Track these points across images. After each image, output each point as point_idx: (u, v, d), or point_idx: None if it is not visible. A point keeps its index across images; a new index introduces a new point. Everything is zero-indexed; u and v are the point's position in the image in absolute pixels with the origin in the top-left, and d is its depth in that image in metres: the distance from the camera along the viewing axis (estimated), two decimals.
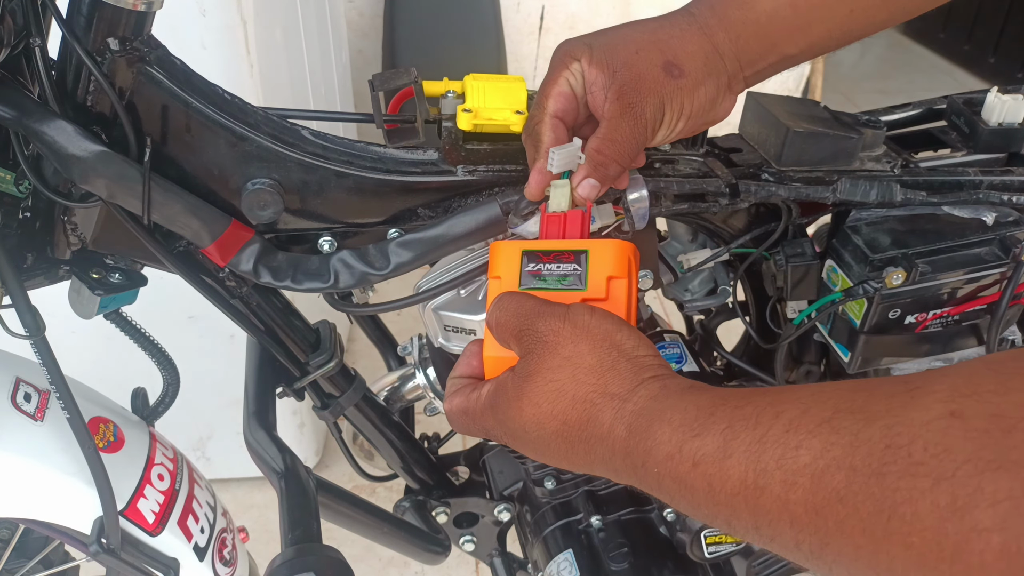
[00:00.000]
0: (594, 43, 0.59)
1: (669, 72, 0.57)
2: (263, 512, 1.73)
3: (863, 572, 0.33)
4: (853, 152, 0.75)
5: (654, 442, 0.43)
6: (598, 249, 0.56)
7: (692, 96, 0.59)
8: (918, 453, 0.31)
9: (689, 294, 0.92)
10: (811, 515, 0.35)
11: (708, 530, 0.88)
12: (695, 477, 0.40)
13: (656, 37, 0.59)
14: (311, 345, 0.81)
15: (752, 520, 0.38)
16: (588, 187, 0.58)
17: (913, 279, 0.74)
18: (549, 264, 0.56)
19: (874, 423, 0.34)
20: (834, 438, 0.35)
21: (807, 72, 3.02)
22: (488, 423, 0.53)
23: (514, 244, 0.58)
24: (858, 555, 0.33)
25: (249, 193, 0.65)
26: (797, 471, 0.35)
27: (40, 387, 0.75)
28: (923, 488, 0.30)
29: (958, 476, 0.29)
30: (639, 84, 0.57)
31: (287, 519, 0.75)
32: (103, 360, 1.30)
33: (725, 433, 0.39)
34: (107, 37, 0.56)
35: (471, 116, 0.67)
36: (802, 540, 0.36)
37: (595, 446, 0.47)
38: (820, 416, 0.36)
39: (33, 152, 0.62)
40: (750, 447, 0.38)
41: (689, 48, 0.58)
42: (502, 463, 1.01)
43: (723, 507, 0.39)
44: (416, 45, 2.57)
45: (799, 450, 0.36)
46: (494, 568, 1.06)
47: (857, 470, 0.33)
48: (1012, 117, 0.81)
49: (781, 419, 0.37)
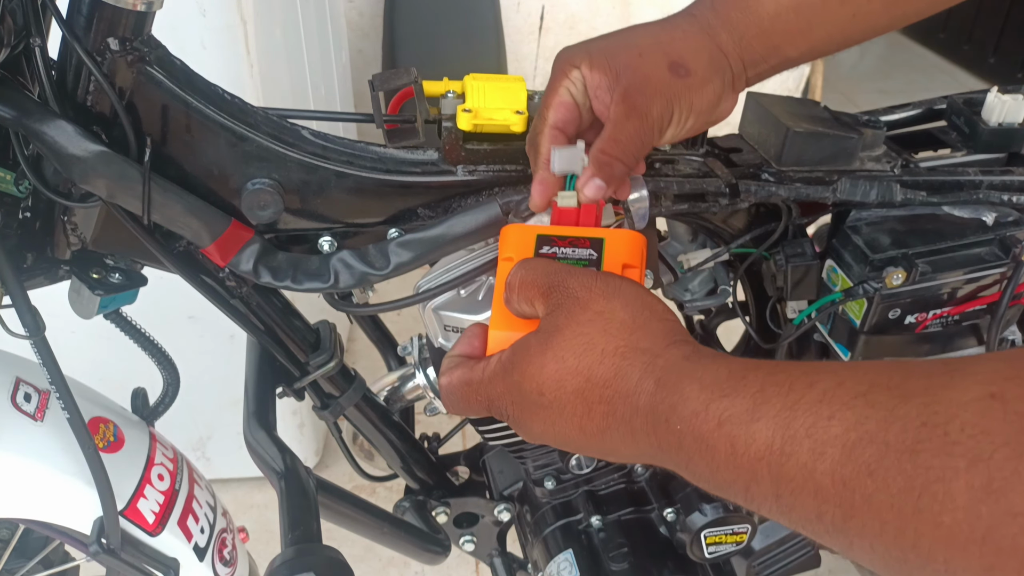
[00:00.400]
0: (593, 48, 0.59)
1: (675, 72, 0.57)
2: (263, 512, 1.73)
3: (886, 548, 0.33)
4: (853, 152, 0.75)
5: (681, 397, 0.41)
6: (614, 238, 0.55)
7: (700, 94, 0.58)
8: (955, 433, 0.31)
9: (689, 294, 0.92)
10: (838, 487, 0.34)
11: (708, 530, 0.88)
12: (718, 437, 0.39)
13: (659, 39, 0.58)
14: (311, 345, 0.81)
15: (773, 487, 0.37)
16: (594, 188, 0.57)
17: (913, 279, 0.74)
18: (564, 248, 0.55)
19: (911, 400, 0.33)
20: (869, 412, 0.34)
21: (807, 72, 3.02)
22: (496, 390, 0.50)
23: (528, 227, 0.57)
24: (883, 530, 0.33)
25: (249, 193, 0.65)
26: (827, 441, 0.35)
27: (40, 387, 0.75)
28: (958, 468, 0.30)
29: (995, 458, 0.29)
30: (645, 86, 0.57)
31: (287, 519, 0.75)
32: (103, 360, 1.30)
33: (756, 396, 0.39)
34: (107, 37, 0.56)
35: (471, 116, 0.67)
36: (825, 512, 0.35)
37: (617, 405, 0.45)
38: (856, 390, 0.35)
39: (33, 152, 0.62)
40: (780, 412, 0.37)
41: (693, 47, 0.58)
42: (502, 463, 1.01)
43: (744, 471, 0.38)
44: (416, 45, 2.57)
45: (831, 420, 0.35)
46: (494, 568, 1.06)
47: (890, 445, 0.32)
48: (1012, 117, 0.81)
49: (815, 389, 0.37)
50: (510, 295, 0.52)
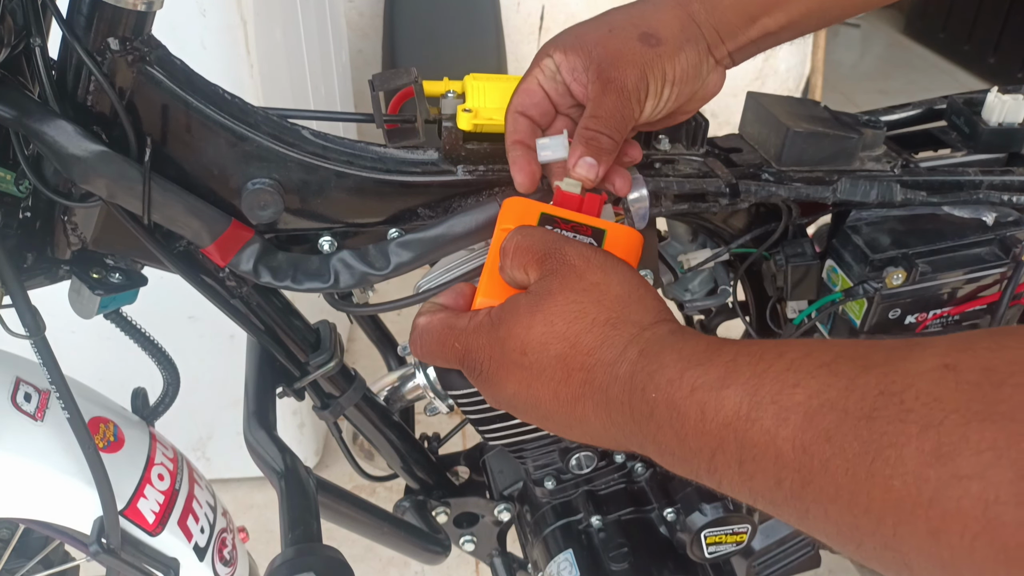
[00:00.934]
0: (566, 35, 0.60)
1: (646, 42, 0.58)
2: (263, 512, 1.73)
3: (840, 514, 0.34)
4: (853, 152, 0.75)
5: (659, 365, 0.42)
6: (616, 231, 0.55)
7: (673, 62, 0.58)
8: (909, 400, 0.32)
9: (689, 294, 0.92)
10: (798, 452, 0.35)
11: (708, 530, 0.88)
12: (690, 404, 0.40)
13: (629, 14, 0.59)
14: (311, 345, 0.81)
15: (737, 453, 0.38)
16: (585, 166, 0.56)
17: (913, 279, 0.74)
18: (567, 231, 0.54)
19: (872, 370, 0.34)
20: (831, 380, 0.35)
21: (807, 72, 3.02)
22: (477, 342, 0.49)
23: (533, 203, 0.57)
24: (838, 495, 0.33)
25: (249, 193, 0.65)
26: (791, 407, 0.36)
27: (40, 387, 0.75)
28: (910, 434, 0.31)
29: (945, 424, 0.30)
30: (616, 59, 0.57)
31: (287, 519, 0.75)
32: (103, 360, 1.30)
33: (728, 365, 0.40)
34: (107, 37, 0.56)
35: (471, 116, 0.67)
36: (784, 477, 0.36)
37: (597, 373, 0.45)
38: (821, 359, 0.36)
39: (33, 152, 0.62)
40: (749, 380, 0.38)
41: (664, 18, 0.59)
42: (502, 463, 1.01)
43: (711, 438, 0.39)
44: (416, 45, 2.57)
45: (796, 388, 0.36)
46: (494, 568, 1.06)
47: (849, 412, 0.34)
48: (1012, 117, 0.81)
49: (784, 359, 0.38)
50: (504, 260, 0.51)
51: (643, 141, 0.72)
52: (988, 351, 0.31)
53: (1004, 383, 0.30)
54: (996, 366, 0.31)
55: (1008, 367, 0.30)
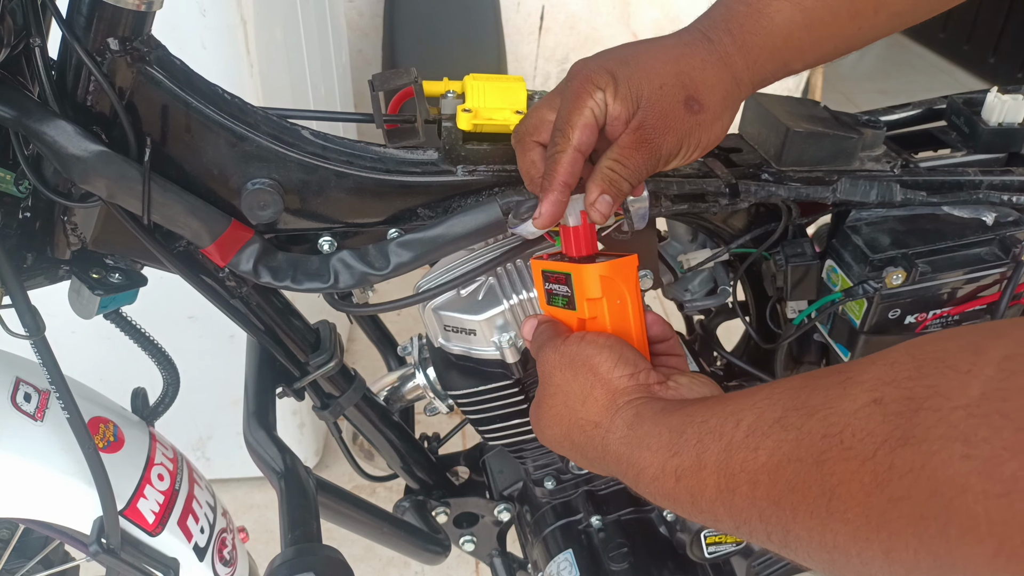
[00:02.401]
0: (618, 74, 0.58)
1: (690, 108, 0.58)
2: (263, 512, 1.73)
3: (817, 552, 0.38)
4: (853, 152, 0.75)
5: (640, 467, 0.49)
6: (577, 274, 0.60)
7: (710, 130, 0.60)
8: (848, 439, 0.35)
9: (689, 294, 0.92)
10: (773, 507, 0.39)
11: (708, 530, 0.88)
12: (680, 491, 0.46)
13: (679, 68, 0.58)
14: (311, 345, 0.81)
15: (732, 521, 0.43)
16: (605, 204, 0.59)
17: (913, 279, 0.74)
18: (555, 284, 0.62)
19: (814, 416, 0.38)
20: (783, 435, 0.39)
21: (807, 72, 3.02)
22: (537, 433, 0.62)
23: (538, 263, 0.63)
24: (811, 536, 0.37)
25: (249, 193, 0.65)
26: (758, 471, 0.40)
27: (40, 387, 0.75)
28: (852, 470, 0.35)
29: (878, 456, 0.33)
30: (659, 122, 0.58)
31: (287, 519, 0.75)
32: (103, 360, 1.30)
33: (697, 447, 0.45)
34: (107, 37, 0.56)
35: (471, 116, 0.67)
36: (771, 531, 0.40)
37: (599, 465, 0.55)
38: (772, 417, 0.41)
39: (33, 152, 0.62)
40: (719, 456, 0.43)
41: (710, 81, 0.59)
42: (502, 463, 1.01)
43: (707, 513, 0.44)
44: (416, 45, 2.57)
45: (758, 451, 0.40)
46: (494, 568, 1.06)
47: (803, 460, 0.38)
48: (1012, 117, 0.81)
49: (741, 427, 0.42)
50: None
51: None
52: (909, 380, 0.34)
53: (920, 408, 0.33)
54: (915, 394, 0.33)
55: (925, 392, 0.33)
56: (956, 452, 0.30)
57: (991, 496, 0.29)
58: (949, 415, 0.31)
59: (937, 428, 0.31)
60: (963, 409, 0.31)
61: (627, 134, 0.58)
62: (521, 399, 0.77)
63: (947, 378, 0.33)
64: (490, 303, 0.71)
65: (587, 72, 0.59)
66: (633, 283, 0.60)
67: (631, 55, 0.59)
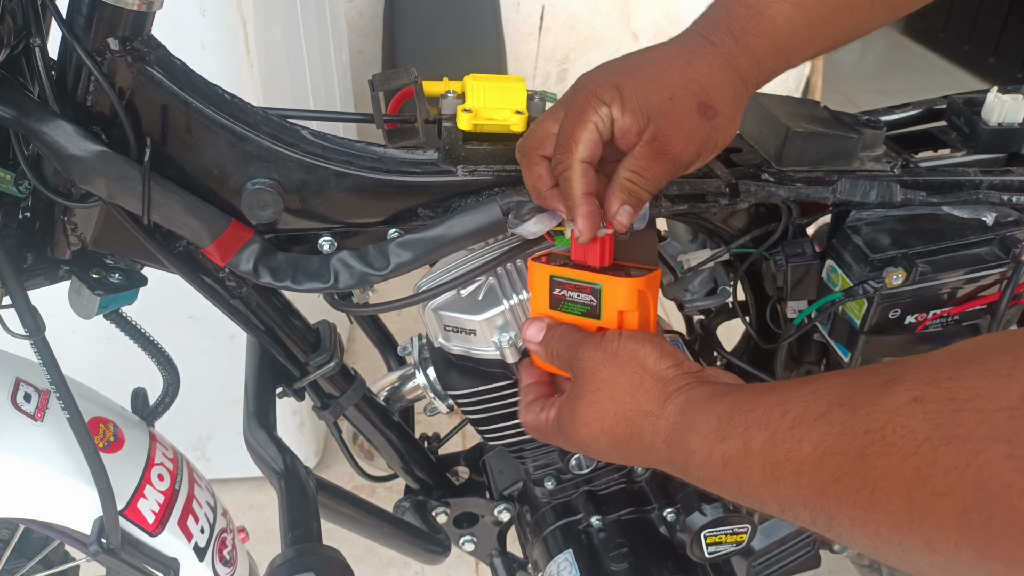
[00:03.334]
0: (624, 87, 0.58)
1: (704, 114, 0.58)
2: (263, 512, 1.73)
3: (860, 538, 0.40)
4: (853, 152, 0.75)
5: (689, 452, 0.51)
6: (610, 286, 0.61)
7: (725, 133, 0.60)
8: (889, 435, 0.37)
9: (689, 294, 0.92)
10: (817, 496, 0.41)
11: (708, 530, 0.88)
12: (726, 476, 0.48)
13: (687, 77, 0.58)
14: (311, 345, 0.81)
15: (777, 505, 0.45)
16: (626, 215, 0.60)
17: (913, 279, 0.74)
18: (570, 292, 0.63)
19: (858, 412, 0.40)
20: (828, 429, 0.41)
21: (807, 72, 3.02)
22: (559, 440, 0.62)
23: (544, 268, 0.64)
24: (854, 524, 0.40)
25: (249, 193, 0.65)
26: (802, 461, 0.42)
27: (40, 387, 0.75)
28: (895, 464, 0.37)
29: (920, 452, 0.36)
30: (675, 131, 0.58)
31: (287, 519, 0.75)
32: (103, 360, 1.30)
33: (743, 435, 0.47)
34: (107, 37, 0.56)
35: (471, 116, 0.67)
36: (816, 517, 0.42)
37: (645, 454, 0.55)
38: (818, 411, 0.43)
39: (33, 152, 0.62)
40: (764, 445, 0.45)
41: (719, 84, 0.59)
42: (502, 463, 1.01)
43: (754, 498, 0.47)
44: (416, 45, 2.57)
45: (803, 443, 0.42)
46: (494, 568, 1.06)
47: (846, 454, 0.40)
48: (1012, 117, 0.81)
49: (787, 418, 0.44)
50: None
51: None
52: (950, 381, 0.36)
53: (961, 409, 0.35)
54: (956, 395, 0.35)
55: (965, 393, 0.35)
56: (1000, 452, 0.32)
57: None
58: (991, 416, 0.33)
59: (980, 429, 0.33)
60: (1005, 411, 0.33)
61: (643, 146, 0.58)
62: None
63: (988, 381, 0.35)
64: (490, 303, 0.71)
65: (592, 86, 0.59)
66: (657, 295, 0.63)
67: (636, 66, 0.59)
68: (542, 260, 0.64)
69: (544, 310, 0.65)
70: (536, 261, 0.64)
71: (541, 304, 0.65)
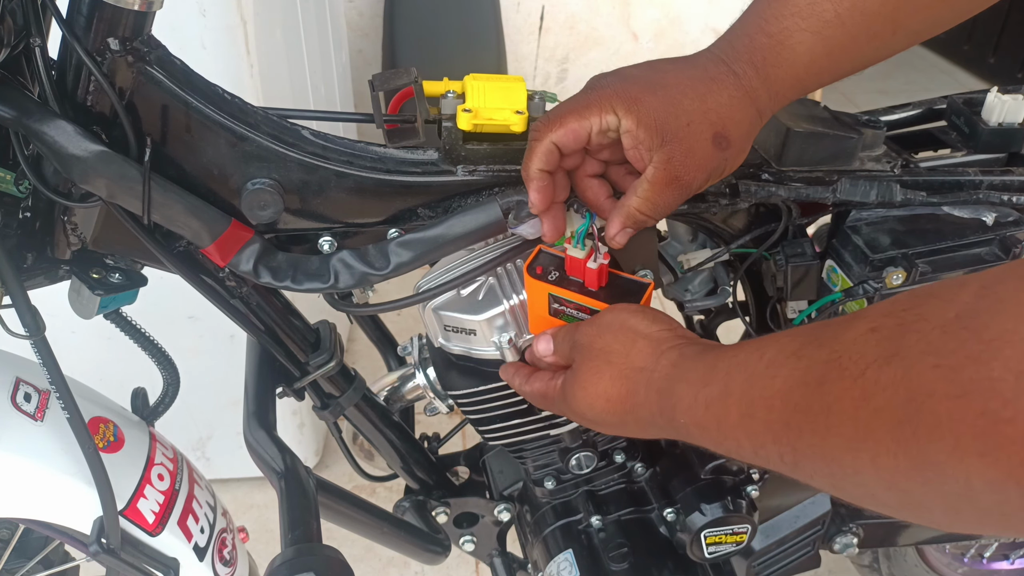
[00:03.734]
0: (644, 101, 0.58)
1: (718, 144, 0.59)
2: (263, 512, 1.73)
3: (820, 467, 0.41)
4: (853, 152, 0.75)
5: (678, 398, 0.52)
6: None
7: (734, 162, 0.61)
8: (845, 361, 0.39)
9: (689, 294, 0.92)
10: (783, 428, 0.43)
11: (708, 530, 0.88)
12: (708, 418, 0.50)
13: (706, 106, 0.58)
14: (311, 345, 0.81)
15: (751, 445, 0.47)
16: (625, 236, 0.63)
17: (913, 279, 0.74)
18: (571, 310, 0.65)
19: (823, 347, 0.42)
20: (797, 363, 0.43)
21: None
22: (562, 407, 0.64)
23: (541, 286, 0.65)
24: (814, 452, 0.41)
25: (249, 193, 0.65)
26: (773, 396, 0.44)
27: (40, 387, 0.75)
28: (846, 387, 0.38)
29: (867, 374, 0.37)
30: (688, 158, 0.58)
31: (287, 519, 0.75)
32: (103, 360, 1.30)
33: (725, 378, 0.49)
34: (107, 37, 0.56)
35: (471, 116, 0.67)
36: (784, 452, 0.44)
37: (638, 412, 0.57)
38: (790, 349, 0.44)
39: (33, 152, 0.62)
40: (742, 385, 0.47)
41: (737, 116, 0.59)
42: (502, 463, 1.01)
43: (731, 440, 0.48)
44: (416, 45, 2.57)
45: (775, 380, 0.44)
46: (494, 568, 1.06)
47: (808, 384, 0.42)
48: (1012, 117, 0.81)
49: (764, 359, 0.46)
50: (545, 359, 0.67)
51: None
52: (903, 311, 0.38)
53: (907, 331, 0.36)
54: (905, 320, 0.37)
55: (912, 318, 0.37)
56: (929, 363, 0.34)
57: (951, 397, 0.33)
58: (928, 334, 0.35)
59: (917, 346, 0.35)
60: (939, 328, 0.35)
61: (655, 169, 0.59)
62: (521, 399, 0.77)
63: (932, 306, 0.36)
64: (490, 303, 0.71)
65: (610, 90, 0.59)
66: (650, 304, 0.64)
67: (656, 84, 0.59)
68: (537, 272, 0.65)
69: (543, 315, 0.67)
70: (531, 273, 0.65)
71: (540, 311, 0.67)
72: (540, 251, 0.67)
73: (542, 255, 0.67)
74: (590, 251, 0.63)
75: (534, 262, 0.66)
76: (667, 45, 2.73)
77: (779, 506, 1.00)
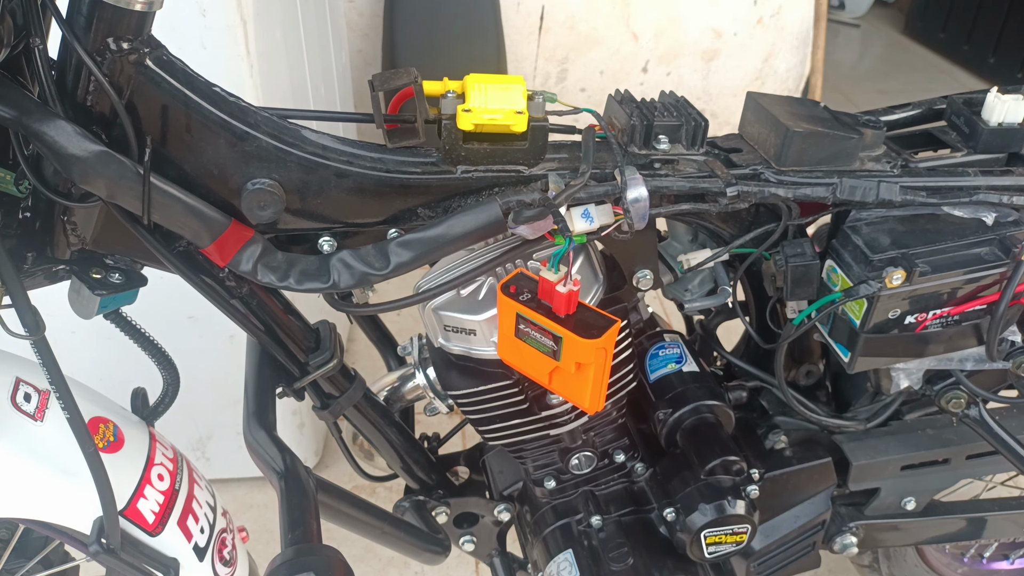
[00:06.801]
0: None
1: None
2: (263, 512, 1.73)
3: None
4: (853, 152, 0.75)
5: None
6: (571, 342, 0.64)
7: None
8: None
9: (689, 294, 0.92)
10: None
11: (708, 530, 0.88)
12: None
13: None
14: (311, 345, 0.81)
15: None
16: None
17: (913, 279, 0.74)
18: (534, 332, 0.66)
19: None
20: None
21: (807, 72, 3.01)
22: None
23: (511, 304, 0.67)
24: None
25: (249, 193, 0.65)
26: None
27: (40, 387, 0.75)
28: None
29: None
30: None
31: (287, 519, 0.75)
32: (103, 360, 1.30)
33: None
34: (107, 37, 0.56)
35: (471, 116, 0.67)
36: None
37: None
38: None
39: (33, 152, 0.62)
40: None
41: None
42: (502, 463, 1.01)
43: None
44: (416, 45, 2.57)
45: None
46: (494, 568, 1.06)
47: None
48: (1012, 117, 0.81)
49: None
50: None
51: (643, 141, 0.72)
52: None
53: None
54: None
55: None
56: None
57: None
58: None
59: None
60: None
61: None
62: (521, 399, 0.78)
63: None
64: (490, 303, 0.71)
65: None
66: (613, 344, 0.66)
67: None
68: (510, 291, 0.67)
69: (510, 335, 0.69)
70: (504, 291, 0.67)
71: (507, 330, 0.69)
72: (519, 273, 0.69)
73: (520, 277, 0.68)
74: (563, 275, 0.64)
75: (510, 281, 0.68)
76: (667, 45, 2.73)
77: (779, 506, 1.00)
